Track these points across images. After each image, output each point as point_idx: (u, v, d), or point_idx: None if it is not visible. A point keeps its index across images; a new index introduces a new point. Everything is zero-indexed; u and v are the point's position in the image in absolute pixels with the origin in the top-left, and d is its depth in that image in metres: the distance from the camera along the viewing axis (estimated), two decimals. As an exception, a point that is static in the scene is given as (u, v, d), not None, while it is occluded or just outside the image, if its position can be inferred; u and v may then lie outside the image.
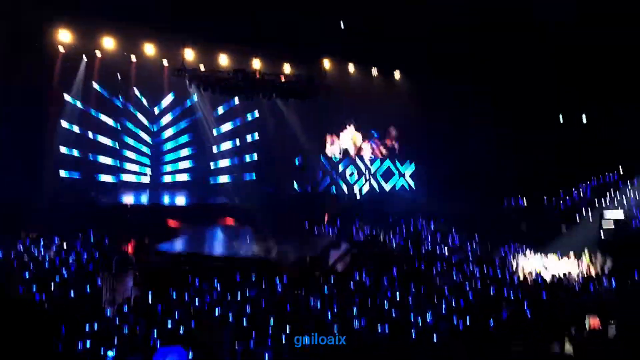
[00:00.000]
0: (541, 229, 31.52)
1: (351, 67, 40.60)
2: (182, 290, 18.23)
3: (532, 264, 26.16)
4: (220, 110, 37.12)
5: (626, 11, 31.44)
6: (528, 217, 33.94)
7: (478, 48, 35.40)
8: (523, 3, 32.99)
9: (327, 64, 38.25)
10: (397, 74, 42.56)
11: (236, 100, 36.10)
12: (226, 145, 37.64)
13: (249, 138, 38.17)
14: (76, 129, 32.28)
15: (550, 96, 38.18)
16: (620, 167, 36.92)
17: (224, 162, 37.71)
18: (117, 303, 18.14)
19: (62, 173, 31.67)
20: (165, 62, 33.94)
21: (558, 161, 37.43)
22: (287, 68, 35.41)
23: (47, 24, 29.59)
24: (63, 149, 31.69)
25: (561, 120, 40.96)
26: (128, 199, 33.55)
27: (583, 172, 37.16)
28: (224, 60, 34.14)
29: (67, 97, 31.82)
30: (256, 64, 33.76)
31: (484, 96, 38.04)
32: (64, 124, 31.75)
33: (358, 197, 41.79)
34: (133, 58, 33.25)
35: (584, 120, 40.58)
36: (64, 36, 30.26)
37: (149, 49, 32.92)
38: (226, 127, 37.50)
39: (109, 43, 31.45)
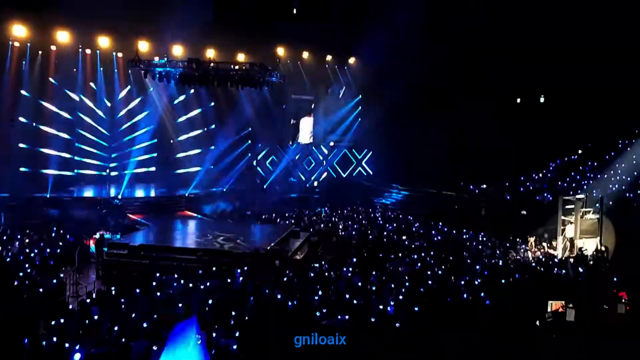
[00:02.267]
0: (501, 213, 31.48)
1: (305, 55, 41.29)
2: (144, 283, 18.59)
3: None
4: (177, 101, 37.49)
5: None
6: (487, 202, 33.87)
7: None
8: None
9: (281, 51, 38.79)
10: (351, 60, 43.31)
11: (192, 91, 36.32)
12: (184, 137, 38.14)
13: (206, 129, 38.70)
14: (33, 124, 32.32)
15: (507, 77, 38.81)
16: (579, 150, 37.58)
17: (183, 154, 38.23)
18: (80, 297, 18.45)
19: (22, 169, 31.80)
20: (120, 55, 34.18)
21: (516, 144, 37.66)
22: (241, 57, 35.82)
23: (1, 19, 29.54)
24: (21, 145, 31.77)
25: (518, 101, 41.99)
26: (88, 192, 33.76)
27: (543, 156, 37.56)
28: (178, 50, 34.37)
29: (23, 92, 31.81)
30: (210, 53, 34.16)
31: (442, 81, 38.97)
32: (21, 119, 31.80)
33: (315, 184, 42.40)
34: (88, 51, 33.36)
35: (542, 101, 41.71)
36: (19, 31, 30.22)
37: (104, 42, 33.04)
38: (183, 118, 37.98)
39: (63, 37, 31.51)
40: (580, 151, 37.60)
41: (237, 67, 28.22)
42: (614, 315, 15.37)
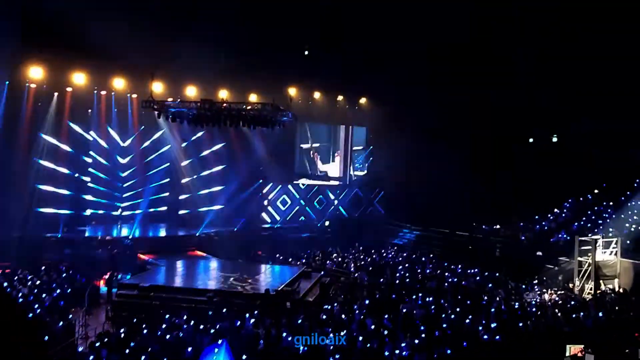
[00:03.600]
0: (516, 254, 31.05)
1: (317, 95, 41.56)
2: (154, 324, 18.47)
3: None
4: (190, 141, 37.75)
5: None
6: (502, 242, 33.38)
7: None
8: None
9: (292, 92, 39.00)
10: (362, 100, 43.47)
11: (204, 131, 36.43)
12: (195, 176, 38.33)
13: (217, 168, 38.88)
14: (49, 165, 32.51)
15: (519, 117, 38.39)
16: (595, 190, 36.79)
17: (194, 194, 38.39)
18: (89, 338, 18.34)
19: (38, 209, 31.92)
20: (134, 96, 34.58)
21: (530, 185, 37.05)
22: (253, 97, 36.18)
23: (18, 61, 30.01)
24: (38, 185, 31.97)
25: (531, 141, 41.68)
26: (99, 232, 33.79)
27: (557, 196, 36.91)
28: (191, 91, 34.83)
29: (39, 134, 32.09)
30: (223, 94, 34.47)
31: (453, 120, 38.61)
32: (38, 160, 32.05)
33: (327, 224, 42.28)
34: (103, 92, 33.76)
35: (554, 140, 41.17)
36: (35, 73, 30.68)
37: (119, 83, 33.47)
38: (195, 158, 38.24)
39: (79, 79, 31.92)
40: (596, 191, 37.00)
41: (249, 107, 28.30)
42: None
